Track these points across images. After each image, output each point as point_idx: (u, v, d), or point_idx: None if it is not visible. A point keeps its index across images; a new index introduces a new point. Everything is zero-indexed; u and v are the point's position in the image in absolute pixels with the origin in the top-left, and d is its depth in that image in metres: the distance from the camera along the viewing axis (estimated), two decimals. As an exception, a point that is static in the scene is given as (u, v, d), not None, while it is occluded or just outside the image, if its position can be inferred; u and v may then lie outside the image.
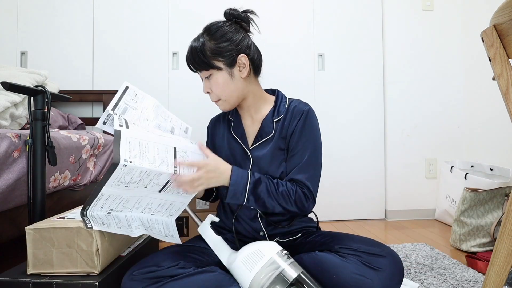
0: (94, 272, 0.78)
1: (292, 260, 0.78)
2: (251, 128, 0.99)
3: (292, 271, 0.74)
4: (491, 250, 1.39)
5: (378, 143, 2.12)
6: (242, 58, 0.91)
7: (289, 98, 1.01)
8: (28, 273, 0.77)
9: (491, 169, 1.84)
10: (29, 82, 1.35)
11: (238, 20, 0.94)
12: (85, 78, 1.96)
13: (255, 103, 0.98)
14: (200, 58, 0.89)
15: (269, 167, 0.93)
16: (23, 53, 1.92)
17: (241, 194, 0.85)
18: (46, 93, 0.91)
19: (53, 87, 1.56)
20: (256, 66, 0.97)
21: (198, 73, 0.95)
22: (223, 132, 1.03)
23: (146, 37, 1.98)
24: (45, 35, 1.94)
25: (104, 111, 1.88)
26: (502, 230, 0.70)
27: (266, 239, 0.96)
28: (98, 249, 0.77)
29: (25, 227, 0.78)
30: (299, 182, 0.88)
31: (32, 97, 0.91)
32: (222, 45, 0.89)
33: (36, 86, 0.91)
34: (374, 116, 2.12)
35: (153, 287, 0.75)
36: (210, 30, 0.91)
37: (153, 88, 1.99)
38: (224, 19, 0.96)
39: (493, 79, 0.76)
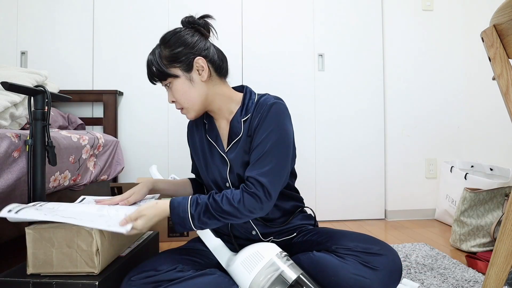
0: (94, 272, 0.78)
1: (291, 261, 0.78)
2: (225, 130, 0.95)
3: (291, 273, 0.74)
4: (491, 250, 1.39)
5: (378, 143, 2.12)
6: (199, 61, 0.87)
7: (258, 94, 0.94)
8: (28, 273, 0.77)
9: (491, 169, 1.84)
10: (29, 82, 1.34)
11: (195, 26, 0.91)
12: (85, 78, 1.96)
13: (225, 104, 0.93)
14: (156, 69, 0.87)
15: (241, 170, 0.89)
16: (23, 53, 1.92)
17: (188, 227, 0.81)
18: (46, 93, 0.91)
19: (53, 87, 1.56)
20: (217, 67, 0.91)
21: (161, 84, 0.92)
22: (200, 136, 0.99)
23: (146, 37, 1.98)
24: (45, 35, 1.94)
25: (104, 110, 1.89)
26: (502, 230, 0.70)
27: (260, 239, 0.95)
28: (98, 249, 0.77)
29: (25, 227, 0.78)
30: (251, 180, 0.82)
31: (32, 97, 0.91)
32: (177, 51, 0.86)
33: (36, 86, 0.91)
34: (374, 116, 2.12)
35: None
36: (165, 39, 0.88)
37: (153, 88, 1.99)
38: (181, 26, 0.93)
39: (493, 79, 0.76)
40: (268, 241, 0.96)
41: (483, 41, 0.76)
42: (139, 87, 1.99)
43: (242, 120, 0.90)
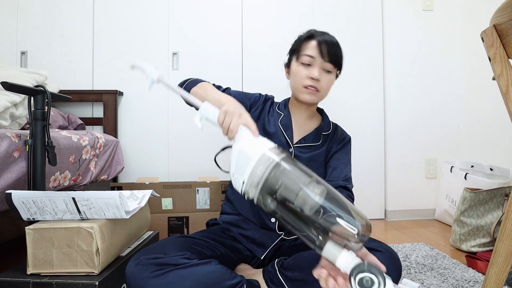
0: (94, 272, 0.78)
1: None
2: (299, 130, 1.06)
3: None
4: (491, 250, 1.39)
5: (378, 143, 2.12)
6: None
7: (331, 121, 1.14)
8: (28, 273, 0.77)
9: (491, 169, 1.84)
10: (29, 82, 1.34)
11: None
12: (85, 78, 1.96)
13: (313, 109, 1.09)
14: (339, 55, 1.00)
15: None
16: (23, 53, 1.92)
17: None
18: (46, 93, 0.91)
19: (53, 87, 1.55)
20: None
21: (322, 62, 0.98)
22: (272, 117, 1.07)
23: (146, 37, 1.98)
24: (45, 35, 1.94)
25: (104, 110, 1.89)
26: (502, 230, 0.70)
27: (275, 229, 0.99)
28: (98, 249, 0.78)
29: (25, 227, 0.78)
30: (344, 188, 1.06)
31: (32, 97, 0.91)
32: (342, 54, 1.02)
33: (36, 86, 0.91)
34: (374, 116, 2.12)
35: (157, 273, 0.74)
36: (336, 41, 1.02)
37: (153, 88, 1.99)
38: None
39: (493, 79, 0.76)
40: (280, 235, 1.00)
41: (483, 41, 0.76)
42: (139, 87, 1.98)
43: (323, 133, 1.07)
